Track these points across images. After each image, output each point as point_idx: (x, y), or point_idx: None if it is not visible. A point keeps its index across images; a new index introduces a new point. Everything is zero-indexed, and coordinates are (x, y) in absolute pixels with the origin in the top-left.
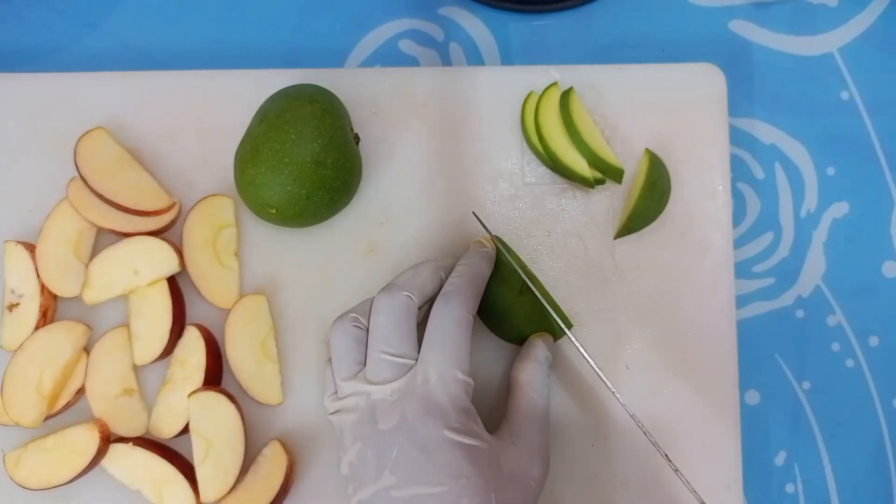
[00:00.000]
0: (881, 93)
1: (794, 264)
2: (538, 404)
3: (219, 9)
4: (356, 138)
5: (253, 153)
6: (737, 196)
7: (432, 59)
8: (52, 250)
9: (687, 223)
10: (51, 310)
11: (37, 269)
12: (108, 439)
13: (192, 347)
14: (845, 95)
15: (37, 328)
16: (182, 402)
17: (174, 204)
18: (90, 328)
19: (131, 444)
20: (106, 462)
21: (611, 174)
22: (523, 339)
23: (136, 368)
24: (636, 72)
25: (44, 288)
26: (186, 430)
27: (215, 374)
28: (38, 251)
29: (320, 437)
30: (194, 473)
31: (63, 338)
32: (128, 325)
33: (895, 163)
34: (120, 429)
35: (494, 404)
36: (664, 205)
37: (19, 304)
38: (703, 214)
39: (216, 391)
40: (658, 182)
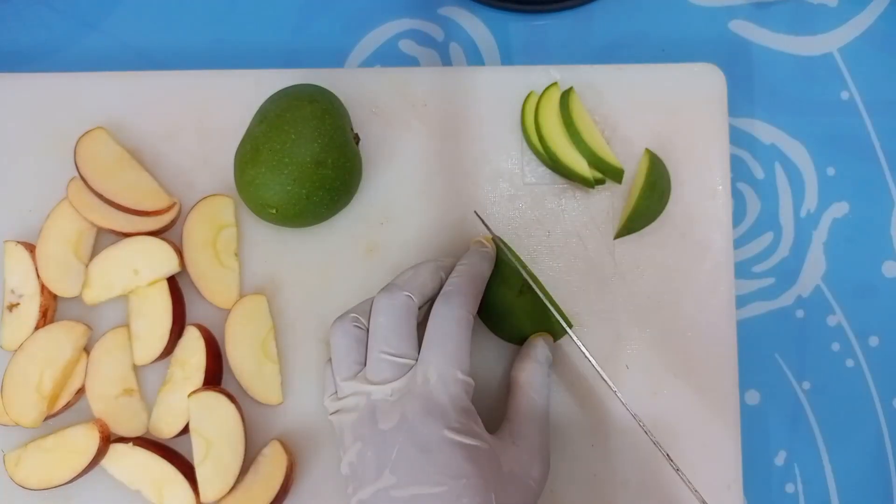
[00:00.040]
0: (881, 93)
1: (794, 264)
2: (538, 404)
3: (219, 9)
4: (356, 138)
5: (253, 153)
6: (737, 196)
7: (432, 59)
8: (52, 250)
9: (687, 223)
10: (51, 310)
11: (37, 269)
12: (108, 439)
13: (192, 347)
14: (845, 95)
15: (37, 328)
16: (182, 402)
17: (174, 204)
18: (90, 328)
19: (131, 444)
20: (106, 462)
21: (611, 174)
22: (523, 339)
23: (136, 368)
24: (636, 72)
25: (44, 288)
26: (186, 430)
27: (215, 374)
28: (38, 251)
29: (320, 437)
30: (194, 473)
31: (63, 338)
32: (128, 325)
33: (895, 163)
34: (120, 429)
35: (494, 404)
36: (664, 205)
37: (19, 304)
38: (703, 214)
39: (216, 391)
40: (658, 182)
